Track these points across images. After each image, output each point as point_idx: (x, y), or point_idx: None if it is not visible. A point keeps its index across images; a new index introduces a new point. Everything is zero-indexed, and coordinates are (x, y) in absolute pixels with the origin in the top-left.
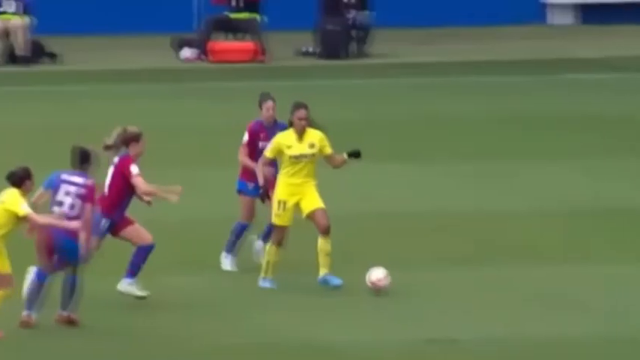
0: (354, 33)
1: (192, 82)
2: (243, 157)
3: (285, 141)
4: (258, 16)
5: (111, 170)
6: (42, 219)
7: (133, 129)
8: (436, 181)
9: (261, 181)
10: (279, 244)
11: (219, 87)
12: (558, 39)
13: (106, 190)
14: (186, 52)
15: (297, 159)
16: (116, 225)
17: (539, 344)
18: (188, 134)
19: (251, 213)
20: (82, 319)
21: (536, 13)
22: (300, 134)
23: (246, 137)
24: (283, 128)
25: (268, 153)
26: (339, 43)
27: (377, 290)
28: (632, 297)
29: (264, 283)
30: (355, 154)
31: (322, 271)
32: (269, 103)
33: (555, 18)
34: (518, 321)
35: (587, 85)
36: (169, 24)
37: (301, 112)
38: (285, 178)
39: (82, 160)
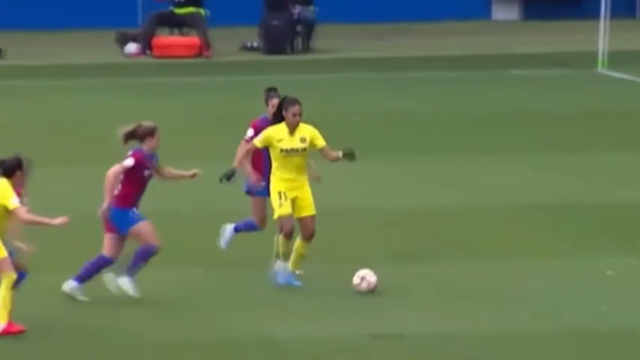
0: (299, 28)
1: (137, 78)
2: (240, 153)
3: (276, 134)
4: (202, 11)
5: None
6: (27, 216)
7: (147, 123)
8: (385, 177)
9: (236, 163)
10: (290, 235)
11: (163, 82)
12: (503, 34)
13: (120, 185)
14: (131, 48)
15: (287, 153)
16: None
17: (485, 339)
18: None
19: (263, 214)
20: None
21: (481, 9)
22: (292, 129)
23: (251, 133)
24: None
25: (258, 142)
26: (284, 38)
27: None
28: (577, 292)
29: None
30: (350, 155)
31: (290, 267)
32: (275, 101)
33: (500, 13)
34: (465, 316)
35: (531, 81)
36: (114, 19)
37: (295, 108)
38: (279, 173)
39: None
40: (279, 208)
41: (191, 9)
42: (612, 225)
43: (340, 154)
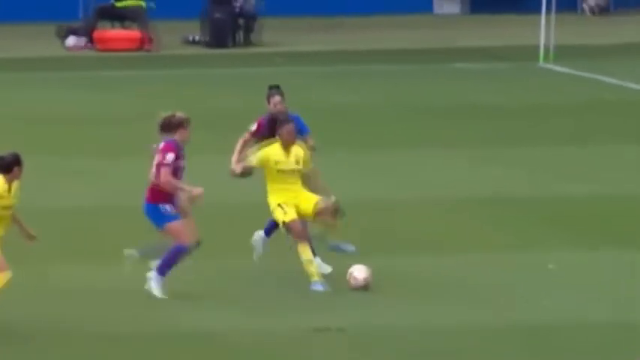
0: (241, 21)
1: (78, 71)
2: (239, 147)
3: (274, 156)
4: (144, 4)
5: (156, 158)
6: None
7: (180, 114)
8: (326, 170)
9: (236, 168)
10: (303, 236)
11: (105, 76)
12: (446, 28)
13: (153, 178)
14: (72, 41)
15: (284, 173)
16: None
17: (425, 332)
18: (73, 123)
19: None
20: None
21: (424, 3)
22: (287, 148)
23: (253, 127)
24: (297, 120)
25: (255, 162)
26: (226, 31)
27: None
28: (519, 285)
29: (315, 287)
30: (339, 211)
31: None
32: (276, 99)
33: (443, 7)
34: (407, 310)
35: (474, 74)
36: (55, 12)
37: (290, 127)
38: (276, 186)
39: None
40: (285, 215)
41: (132, 2)
42: (554, 219)
43: (329, 200)
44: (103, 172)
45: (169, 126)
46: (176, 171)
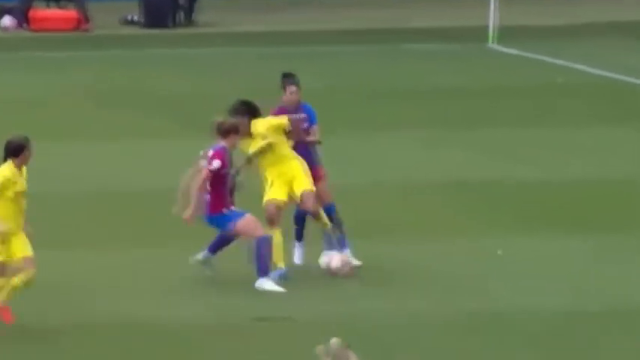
0: (181, 1)
1: (12, 52)
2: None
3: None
4: None
5: (204, 163)
6: None
7: (232, 121)
8: None
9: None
10: (273, 223)
11: (40, 57)
12: (396, 8)
13: (209, 189)
14: (6, 21)
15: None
16: None
17: (371, 320)
18: (5, 105)
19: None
20: None
21: None
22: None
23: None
24: (308, 111)
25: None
26: (166, 11)
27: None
28: (468, 271)
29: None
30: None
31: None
32: (292, 88)
33: None
34: (352, 297)
35: (423, 56)
36: None
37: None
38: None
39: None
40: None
41: None
42: (506, 203)
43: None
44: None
45: (221, 131)
46: (223, 178)
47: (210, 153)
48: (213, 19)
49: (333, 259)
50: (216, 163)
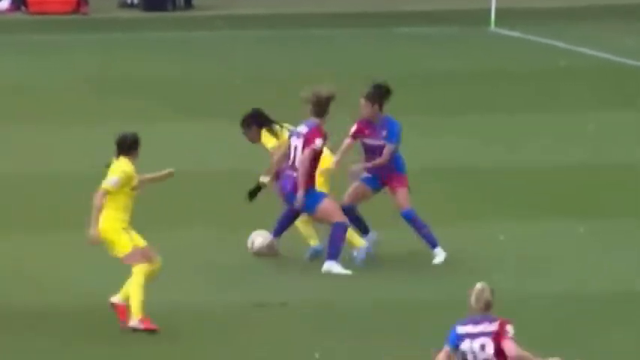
0: None
1: (10, 35)
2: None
3: None
4: None
5: (297, 142)
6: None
7: (327, 93)
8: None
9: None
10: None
11: (38, 40)
12: None
13: (296, 164)
14: (3, 4)
15: None
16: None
17: (365, 307)
18: (2, 89)
19: (355, 198)
20: None
21: None
22: None
23: (353, 128)
24: (389, 123)
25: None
26: None
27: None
28: (468, 256)
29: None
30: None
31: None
32: (360, 101)
33: None
34: (347, 284)
35: (422, 39)
36: None
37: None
38: None
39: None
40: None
41: None
42: (508, 189)
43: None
44: (28, 140)
45: (322, 105)
46: (318, 156)
47: (305, 131)
48: (212, 2)
49: (257, 239)
50: (319, 142)
